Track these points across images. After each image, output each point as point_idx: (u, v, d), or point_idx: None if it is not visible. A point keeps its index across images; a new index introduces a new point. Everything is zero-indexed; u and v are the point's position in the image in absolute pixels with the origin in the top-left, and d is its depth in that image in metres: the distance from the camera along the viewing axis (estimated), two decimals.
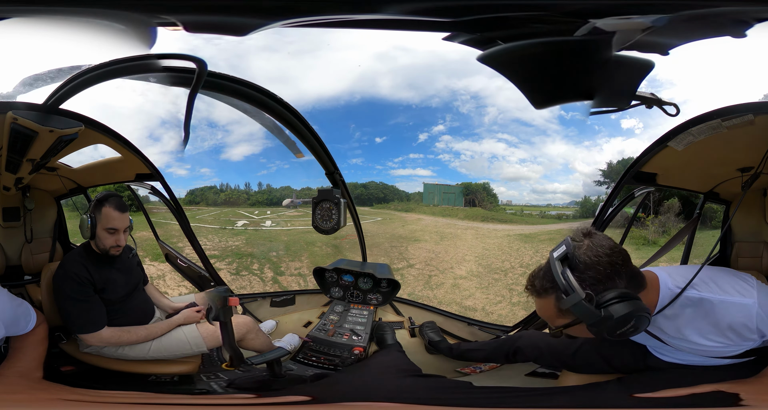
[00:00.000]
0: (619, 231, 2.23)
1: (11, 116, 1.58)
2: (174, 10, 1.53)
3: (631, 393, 1.38)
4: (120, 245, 1.78)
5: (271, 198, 3.04)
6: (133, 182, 2.27)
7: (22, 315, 1.55)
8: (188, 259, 2.48)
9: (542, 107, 2.02)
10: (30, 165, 1.86)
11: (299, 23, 1.60)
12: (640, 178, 1.93)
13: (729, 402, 1.25)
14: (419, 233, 3.26)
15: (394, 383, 1.66)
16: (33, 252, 2.18)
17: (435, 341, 2.11)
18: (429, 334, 2.16)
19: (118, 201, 1.79)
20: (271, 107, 1.91)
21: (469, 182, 2.94)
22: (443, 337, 2.16)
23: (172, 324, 1.86)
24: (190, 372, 1.85)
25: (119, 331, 1.76)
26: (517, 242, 3.03)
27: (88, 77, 1.61)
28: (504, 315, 2.63)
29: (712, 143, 1.65)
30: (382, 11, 1.53)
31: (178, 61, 1.65)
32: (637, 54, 1.54)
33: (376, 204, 3.07)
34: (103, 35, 1.58)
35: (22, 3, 1.51)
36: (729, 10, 1.45)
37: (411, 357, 2.02)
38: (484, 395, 1.51)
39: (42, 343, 1.66)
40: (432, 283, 3.01)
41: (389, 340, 2.15)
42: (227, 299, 1.69)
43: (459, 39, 1.61)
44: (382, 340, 2.15)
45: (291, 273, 3.04)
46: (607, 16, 1.44)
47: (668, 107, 1.68)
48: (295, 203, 3.02)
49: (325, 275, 2.43)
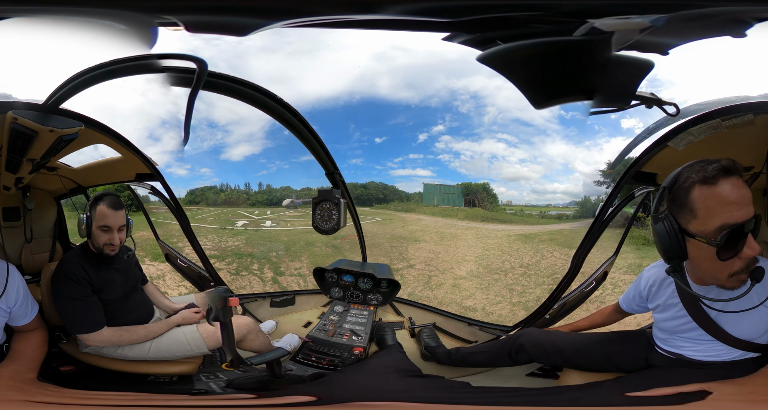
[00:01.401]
0: (619, 231, 2.23)
1: (11, 115, 1.58)
2: (175, 10, 1.54)
3: (624, 392, 1.37)
4: (113, 243, 1.77)
5: (271, 198, 3.04)
6: (133, 182, 2.27)
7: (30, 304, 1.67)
8: (188, 259, 2.48)
9: (542, 107, 2.03)
10: (30, 165, 1.87)
11: (300, 23, 1.61)
12: (640, 178, 1.93)
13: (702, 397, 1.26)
14: (419, 234, 3.26)
15: (394, 383, 1.66)
16: (33, 252, 2.18)
17: (431, 346, 2.07)
18: (425, 339, 2.11)
19: (112, 199, 1.79)
20: (271, 107, 1.91)
21: (469, 183, 2.94)
22: (440, 343, 2.12)
23: (170, 323, 1.86)
24: (189, 372, 1.85)
25: (118, 331, 1.76)
26: (517, 243, 3.03)
27: (88, 77, 1.62)
28: (504, 315, 2.63)
29: (712, 143, 1.65)
30: (382, 11, 1.53)
31: (178, 61, 1.65)
32: (637, 54, 1.54)
33: (376, 204, 3.07)
34: (104, 35, 1.58)
35: (22, 3, 1.51)
36: (729, 10, 1.45)
37: (411, 357, 2.01)
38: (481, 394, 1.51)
39: (41, 347, 1.69)
40: (432, 283, 3.00)
41: (390, 341, 2.14)
42: (227, 299, 1.69)
43: (458, 39, 1.61)
44: (383, 341, 2.15)
45: (291, 273, 3.04)
46: (606, 16, 1.44)
47: (668, 106, 1.69)
48: (295, 204, 3.02)
49: (325, 275, 2.43)
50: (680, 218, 1.10)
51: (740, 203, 1.02)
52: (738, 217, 1.02)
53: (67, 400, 1.48)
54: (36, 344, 1.69)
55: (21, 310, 1.63)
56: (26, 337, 1.69)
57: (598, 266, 2.19)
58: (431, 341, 2.11)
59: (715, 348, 1.39)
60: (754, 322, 1.25)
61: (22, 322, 1.66)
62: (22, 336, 1.69)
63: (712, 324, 1.29)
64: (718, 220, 1.03)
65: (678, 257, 1.12)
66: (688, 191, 1.08)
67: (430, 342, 2.11)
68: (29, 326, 1.69)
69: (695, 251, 1.10)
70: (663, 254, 1.16)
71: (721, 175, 1.04)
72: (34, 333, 1.71)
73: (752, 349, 1.35)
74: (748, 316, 1.21)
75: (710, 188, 1.04)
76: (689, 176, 1.09)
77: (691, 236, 1.09)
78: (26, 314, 1.66)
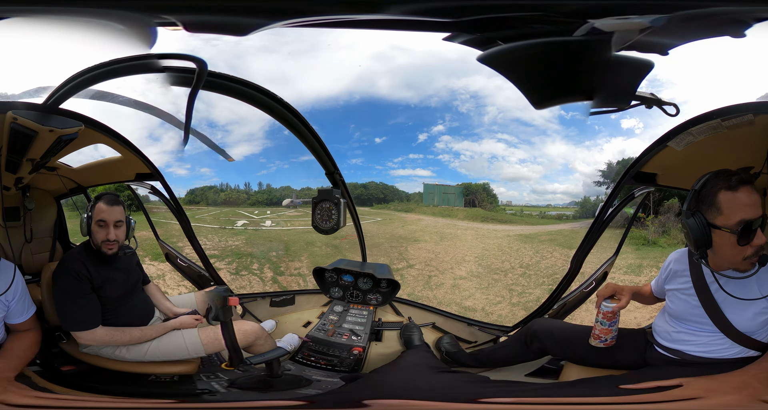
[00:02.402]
0: (619, 231, 2.23)
1: (11, 115, 1.58)
2: (174, 10, 1.54)
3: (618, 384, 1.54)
4: (110, 239, 1.78)
5: (271, 198, 3.04)
6: (133, 181, 2.27)
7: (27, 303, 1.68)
8: (188, 259, 2.48)
9: (542, 108, 2.02)
10: (30, 165, 1.87)
11: (300, 23, 1.61)
12: (640, 178, 1.93)
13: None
14: (419, 234, 3.26)
15: (428, 379, 1.70)
16: (33, 252, 2.19)
17: (453, 352, 2.08)
18: (445, 346, 2.12)
19: (109, 196, 1.82)
20: (271, 107, 1.92)
21: (469, 183, 2.94)
22: (461, 348, 2.13)
23: (167, 327, 1.86)
24: (190, 372, 1.85)
25: (112, 331, 1.77)
26: (517, 243, 3.03)
27: (88, 77, 1.62)
28: (504, 315, 2.63)
29: (712, 143, 1.65)
30: (383, 11, 1.53)
31: (178, 61, 1.65)
32: (637, 54, 1.54)
33: (376, 204, 3.07)
34: (103, 35, 1.58)
35: (22, 3, 1.51)
36: (728, 10, 1.45)
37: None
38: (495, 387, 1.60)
39: (31, 348, 1.69)
40: (432, 283, 3.01)
41: (417, 341, 2.14)
42: (227, 298, 1.69)
43: (459, 39, 1.61)
44: (410, 341, 2.14)
45: (291, 273, 3.05)
46: (606, 16, 1.45)
47: (668, 106, 1.69)
48: (295, 203, 3.02)
49: (324, 275, 2.43)
50: (708, 215, 1.39)
51: (753, 204, 1.35)
52: (752, 214, 1.34)
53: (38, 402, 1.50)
54: (26, 344, 1.68)
55: (17, 307, 1.64)
56: (18, 337, 1.69)
57: (598, 266, 2.20)
58: (451, 347, 2.12)
59: (716, 341, 1.48)
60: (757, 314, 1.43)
61: (17, 320, 1.67)
62: (14, 336, 1.69)
63: (718, 310, 1.46)
64: (738, 216, 1.34)
65: (705, 245, 1.40)
66: (715, 195, 1.38)
67: (450, 348, 2.11)
68: (24, 326, 1.69)
69: (719, 240, 1.39)
70: (693, 244, 1.42)
71: (741, 184, 1.36)
72: (28, 333, 1.71)
73: (752, 346, 1.45)
74: (751, 307, 1.42)
75: (734, 193, 1.36)
76: (716, 182, 1.38)
77: (717, 228, 1.38)
78: (22, 312, 1.67)
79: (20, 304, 1.65)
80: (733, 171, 1.39)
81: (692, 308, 1.51)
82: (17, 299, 1.63)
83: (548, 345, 1.80)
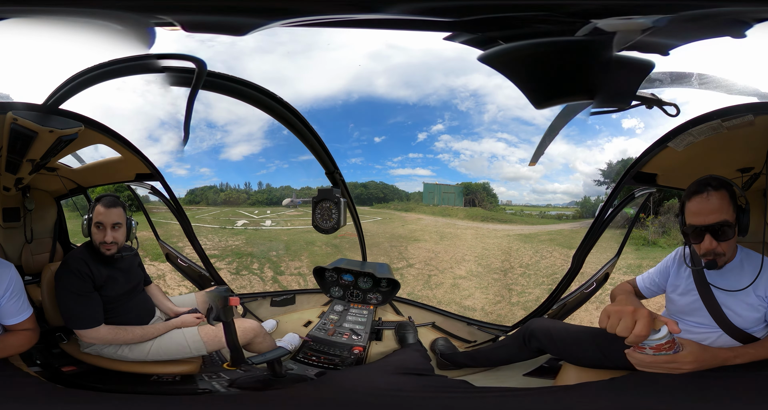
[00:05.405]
0: (620, 232, 2.23)
1: (11, 116, 1.58)
2: (172, 10, 1.53)
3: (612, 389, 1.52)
4: (106, 241, 1.79)
5: (271, 198, 3.04)
6: (133, 181, 2.27)
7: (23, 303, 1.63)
8: (188, 258, 2.48)
9: (543, 108, 2.02)
10: (30, 165, 1.87)
11: (299, 23, 1.60)
12: (640, 178, 1.93)
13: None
14: (419, 233, 3.26)
15: (384, 379, 1.65)
16: (33, 253, 2.19)
17: (448, 354, 2.07)
18: (439, 348, 2.11)
19: (107, 199, 1.82)
20: (270, 107, 1.91)
21: (469, 182, 2.94)
22: (456, 349, 2.12)
23: (169, 326, 1.87)
24: (191, 372, 1.86)
25: (115, 329, 1.77)
26: (516, 243, 3.03)
27: (87, 77, 1.62)
28: (503, 314, 2.63)
29: (712, 144, 1.65)
30: (383, 11, 1.53)
31: (177, 62, 1.65)
32: (638, 54, 1.54)
33: (375, 204, 3.07)
34: (103, 36, 1.58)
35: (22, 3, 1.50)
36: (729, 10, 1.44)
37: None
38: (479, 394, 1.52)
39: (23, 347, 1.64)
40: (431, 283, 3.01)
41: (410, 339, 2.13)
42: (228, 298, 1.69)
43: (460, 39, 1.60)
44: (404, 339, 2.13)
45: (291, 273, 3.05)
46: (607, 16, 1.44)
47: (668, 107, 1.69)
48: (295, 203, 3.02)
49: (325, 274, 2.43)
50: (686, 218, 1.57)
51: (698, 213, 1.48)
52: (697, 221, 1.49)
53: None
54: (17, 344, 1.63)
55: (10, 305, 1.59)
56: (10, 336, 1.64)
57: (599, 267, 2.20)
58: (446, 349, 2.11)
59: (711, 337, 1.52)
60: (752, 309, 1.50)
61: (11, 320, 1.61)
62: (7, 334, 1.64)
63: (716, 304, 1.54)
64: (688, 221, 1.52)
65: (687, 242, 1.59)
66: (684, 202, 1.55)
67: (445, 350, 2.11)
68: (20, 326, 1.64)
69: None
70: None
71: (693, 194, 1.50)
72: (22, 333, 1.65)
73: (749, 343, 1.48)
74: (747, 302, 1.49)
75: (688, 201, 1.52)
76: (688, 188, 1.54)
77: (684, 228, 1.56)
78: (16, 312, 1.61)
79: (14, 304, 1.60)
80: (703, 179, 1.50)
81: (692, 302, 1.58)
82: (9, 297, 1.57)
83: (546, 345, 1.79)
